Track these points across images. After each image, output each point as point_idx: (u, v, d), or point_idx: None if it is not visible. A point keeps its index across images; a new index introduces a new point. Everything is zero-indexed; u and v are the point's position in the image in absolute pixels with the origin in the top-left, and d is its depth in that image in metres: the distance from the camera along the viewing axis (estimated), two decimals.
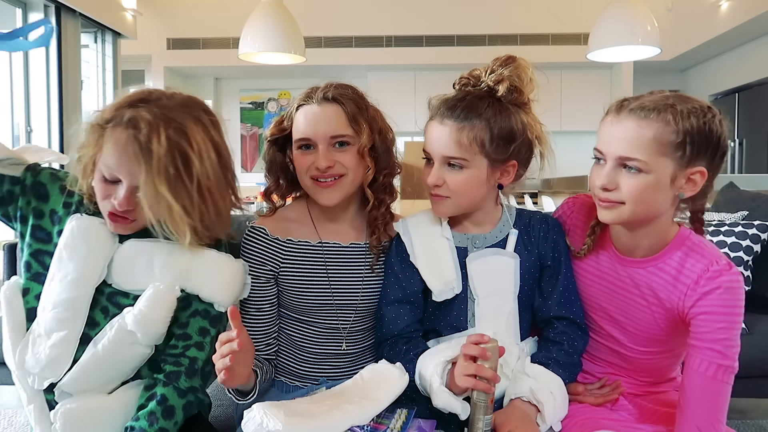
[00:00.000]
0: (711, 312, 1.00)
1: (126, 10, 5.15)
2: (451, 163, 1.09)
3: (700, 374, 0.99)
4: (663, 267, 1.06)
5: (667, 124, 0.96)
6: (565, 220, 1.22)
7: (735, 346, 1.00)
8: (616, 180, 1.01)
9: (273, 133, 1.20)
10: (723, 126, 0.99)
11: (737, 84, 5.91)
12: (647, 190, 0.99)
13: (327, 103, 1.13)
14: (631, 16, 3.61)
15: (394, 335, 1.17)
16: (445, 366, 1.03)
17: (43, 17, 4.17)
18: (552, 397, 1.04)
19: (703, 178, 1.00)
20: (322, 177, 1.14)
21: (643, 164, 0.98)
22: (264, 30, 3.80)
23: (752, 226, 2.03)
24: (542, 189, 5.81)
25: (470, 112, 1.08)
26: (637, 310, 1.10)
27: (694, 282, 1.02)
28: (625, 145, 0.98)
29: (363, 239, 1.24)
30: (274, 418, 0.91)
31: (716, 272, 1.00)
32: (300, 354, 1.23)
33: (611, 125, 1.02)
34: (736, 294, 1.00)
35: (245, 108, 7.56)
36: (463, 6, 6.37)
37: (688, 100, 1.00)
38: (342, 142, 1.14)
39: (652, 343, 1.12)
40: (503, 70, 1.10)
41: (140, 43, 5.61)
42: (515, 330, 1.14)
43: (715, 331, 0.99)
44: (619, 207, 1.02)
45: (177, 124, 0.96)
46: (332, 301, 1.20)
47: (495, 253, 1.15)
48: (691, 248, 1.05)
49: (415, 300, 1.17)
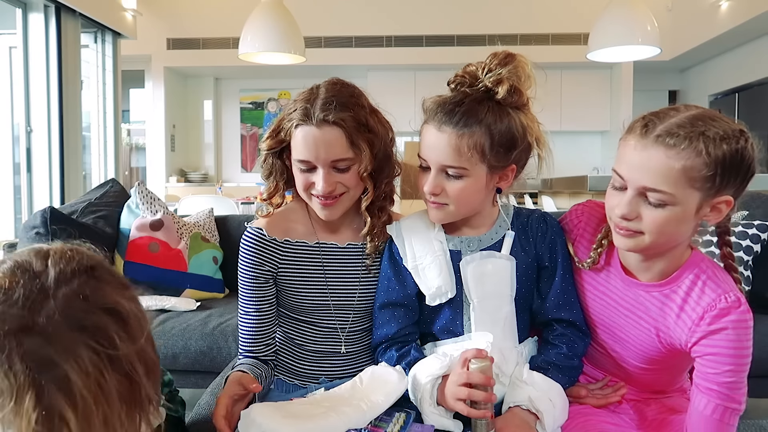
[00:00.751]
0: (718, 354, 0.93)
1: (126, 10, 5.15)
2: (450, 172, 1.04)
3: (705, 417, 0.95)
4: (670, 295, 1.00)
5: (698, 155, 0.87)
6: (572, 228, 1.17)
7: (742, 388, 0.94)
8: (638, 210, 0.93)
9: (271, 146, 1.16)
10: (755, 150, 0.91)
11: (737, 84, 5.91)
12: (671, 222, 0.92)
13: (327, 126, 1.07)
14: (631, 16, 3.61)
15: (388, 338, 1.15)
16: (435, 383, 1.02)
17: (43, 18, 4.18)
18: (551, 405, 1.02)
19: (728, 207, 0.93)
20: (325, 197, 1.13)
21: (669, 197, 0.90)
22: (264, 30, 3.80)
23: (752, 226, 2.03)
24: (542, 189, 5.81)
25: (470, 117, 1.02)
26: (639, 332, 1.06)
27: (699, 317, 0.95)
28: (651, 176, 0.90)
29: (360, 240, 1.24)
30: (270, 419, 0.91)
31: (724, 310, 0.93)
32: (299, 353, 1.23)
33: (635, 151, 0.92)
34: (744, 334, 0.93)
35: (245, 108, 7.56)
36: (463, 6, 6.38)
37: (718, 120, 0.91)
38: (343, 167, 1.11)
39: (653, 363, 1.08)
40: (502, 69, 1.04)
41: (140, 43, 5.61)
42: (513, 334, 1.12)
43: (721, 374, 0.93)
44: (638, 237, 0.95)
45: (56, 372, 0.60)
46: (330, 302, 1.20)
47: (489, 257, 1.11)
48: (698, 276, 0.98)
49: (409, 303, 1.15)
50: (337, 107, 1.08)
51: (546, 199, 4.90)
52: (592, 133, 7.16)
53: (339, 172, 1.11)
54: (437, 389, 1.02)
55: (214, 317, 2.12)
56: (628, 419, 1.13)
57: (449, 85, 1.10)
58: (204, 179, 7.19)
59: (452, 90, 1.09)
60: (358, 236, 1.23)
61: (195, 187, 6.74)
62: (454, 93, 1.07)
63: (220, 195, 5.71)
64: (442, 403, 1.01)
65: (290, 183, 1.23)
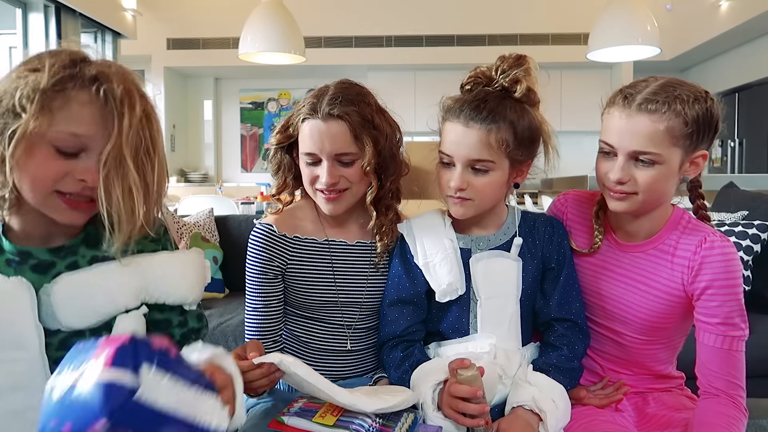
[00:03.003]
0: (715, 286, 1.03)
1: (126, 10, 5.15)
2: (477, 166, 1.08)
3: (715, 349, 1.04)
4: (661, 248, 1.10)
5: (678, 115, 0.99)
6: (560, 218, 1.24)
7: (742, 314, 1.04)
8: (630, 173, 1.03)
9: (280, 141, 1.20)
10: (719, 108, 1.04)
11: (737, 84, 5.90)
12: (660, 180, 1.03)
13: (332, 120, 1.11)
14: (631, 16, 3.62)
15: (396, 336, 1.17)
16: (435, 388, 1.04)
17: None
18: (554, 406, 1.04)
19: (704, 160, 1.06)
20: (327, 190, 1.15)
21: (657, 156, 1.01)
22: (264, 30, 3.80)
23: (752, 226, 2.03)
24: (542, 189, 5.81)
25: (497, 113, 1.06)
26: (638, 296, 1.12)
27: (690, 258, 1.06)
28: (639, 139, 1.01)
29: (369, 238, 1.25)
30: (290, 360, 0.96)
31: (710, 244, 1.05)
32: (305, 352, 1.24)
33: (621, 120, 1.03)
34: (733, 262, 1.04)
35: (245, 108, 7.55)
36: (463, 6, 6.37)
37: (685, 84, 1.03)
38: (347, 161, 1.14)
39: (651, 331, 1.13)
40: (517, 70, 1.09)
41: (140, 43, 5.61)
42: (517, 334, 1.14)
43: (722, 305, 1.03)
44: (632, 197, 1.05)
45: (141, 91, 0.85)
46: (337, 299, 1.21)
47: (498, 255, 1.15)
48: (685, 227, 1.10)
49: (418, 301, 1.17)
50: (343, 102, 1.12)
51: (546, 199, 4.90)
52: (592, 133, 7.15)
53: (343, 165, 1.14)
54: (437, 394, 1.04)
55: (215, 317, 2.10)
56: (630, 419, 1.14)
57: (463, 87, 1.14)
58: (204, 179, 7.18)
59: (467, 91, 1.13)
60: (367, 234, 1.25)
61: (195, 187, 6.73)
62: (477, 91, 1.11)
63: (220, 195, 5.71)
64: (442, 409, 1.02)
65: (298, 180, 1.24)
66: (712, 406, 1.03)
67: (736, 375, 1.04)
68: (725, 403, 1.03)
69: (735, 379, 1.04)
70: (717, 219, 2.21)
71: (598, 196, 1.18)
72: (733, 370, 1.04)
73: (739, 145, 5.83)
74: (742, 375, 1.05)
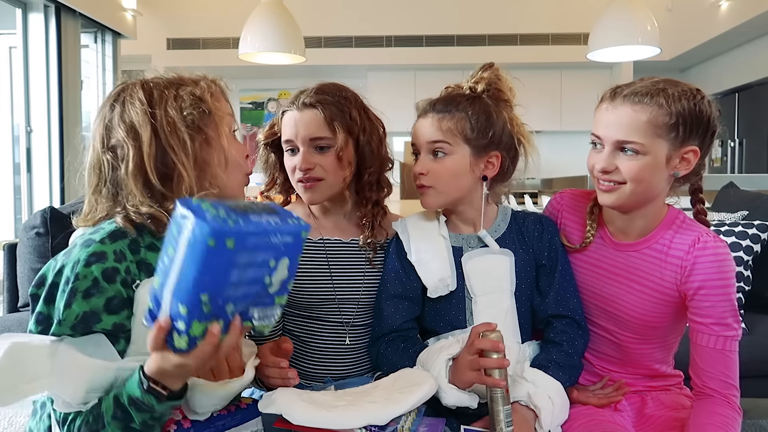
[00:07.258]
0: (707, 287, 1.04)
1: (126, 10, 5.15)
2: (435, 150, 1.14)
3: (709, 349, 1.05)
4: (655, 247, 1.11)
5: (660, 107, 1.02)
6: (556, 216, 1.25)
7: (735, 314, 1.05)
8: (615, 163, 1.05)
9: (266, 137, 1.27)
10: (712, 106, 1.05)
11: (737, 84, 5.90)
12: (645, 170, 1.04)
13: (306, 108, 1.18)
14: (631, 16, 3.61)
15: (392, 330, 1.19)
16: (447, 363, 1.04)
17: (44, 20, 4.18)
18: (550, 402, 1.04)
19: (695, 157, 1.06)
20: (303, 179, 1.18)
21: (640, 146, 1.02)
22: (264, 30, 3.80)
23: (752, 226, 2.03)
24: (542, 189, 5.81)
25: (450, 104, 1.15)
26: (632, 295, 1.12)
27: (683, 257, 1.07)
28: (622, 129, 1.03)
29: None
30: (288, 401, 0.92)
31: (703, 244, 1.06)
32: (304, 351, 1.24)
33: (607, 112, 1.06)
34: (726, 263, 1.05)
35: (245, 108, 7.56)
36: (463, 6, 6.37)
37: (678, 84, 1.05)
38: (321, 146, 1.18)
39: (645, 330, 1.14)
40: (482, 73, 1.18)
41: (140, 43, 5.61)
42: (514, 328, 1.15)
43: (715, 305, 1.04)
44: (619, 189, 1.06)
45: None
46: (335, 296, 1.23)
47: (489, 252, 1.17)
48: (679, 226, 1.11)
49: (414, 297, 1.19)
50: (319, 92, 1.19)
51: (546, 198, 4.91)
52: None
53: (318, 152, 1.18)
54: (449, 370, 1.04)
55: None
56: (629, 419, 1.15)
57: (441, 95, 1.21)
58: None
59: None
60: (361, 231, 1.27)
61: None
62: (444, 94, 1.21)
63: None
64: (454, 382, 1.02)
65: (286, 179, 1.26)
66: (707, 407, 1.04)
67: (729, 375, 1.05)
68: (720, 403, 1.04)
69: (729, 379, 1.05)
70: (717, 219, 2.21)
71: (594, 193, 1.18)
72: (727, 370, 1.05)
73: (739, 145, 5.83)
74: (736, 375, 1.05)
